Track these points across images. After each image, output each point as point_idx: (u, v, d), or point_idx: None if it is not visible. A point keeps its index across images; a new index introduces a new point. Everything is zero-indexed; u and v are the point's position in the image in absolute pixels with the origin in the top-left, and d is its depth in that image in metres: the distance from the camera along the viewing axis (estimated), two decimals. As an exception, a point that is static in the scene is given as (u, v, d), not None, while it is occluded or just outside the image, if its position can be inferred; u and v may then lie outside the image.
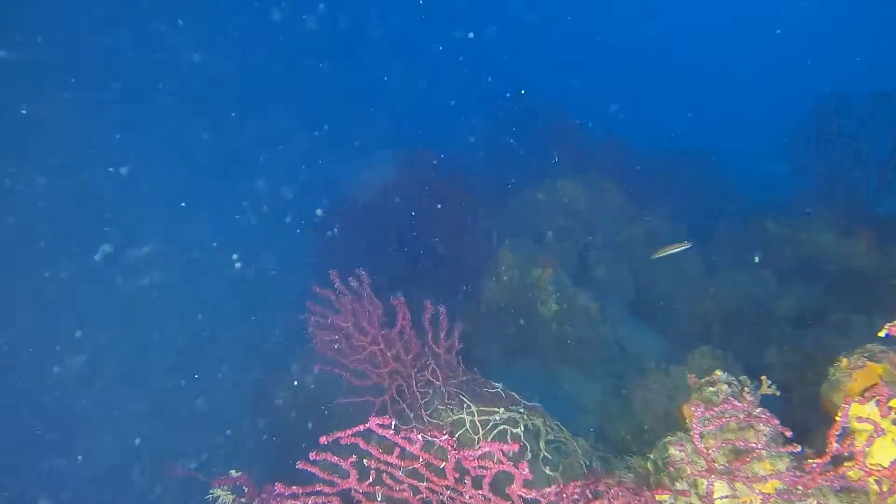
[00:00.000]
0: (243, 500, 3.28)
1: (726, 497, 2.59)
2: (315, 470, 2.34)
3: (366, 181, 9.01)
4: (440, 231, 8.18)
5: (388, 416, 2.18)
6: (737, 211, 9.55)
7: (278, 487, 2.64)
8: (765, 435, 2.76)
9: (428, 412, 3.82)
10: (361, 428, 2.20)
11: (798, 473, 2.58)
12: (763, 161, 8.66)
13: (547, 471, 3.42)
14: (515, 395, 4.05)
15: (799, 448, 2.84)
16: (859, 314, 6.10)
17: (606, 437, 5.42)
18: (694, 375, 3.03)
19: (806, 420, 4.09)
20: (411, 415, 3.83)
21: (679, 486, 2.80)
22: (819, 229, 7.99)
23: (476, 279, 8.13)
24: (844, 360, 3.11)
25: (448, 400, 3.83)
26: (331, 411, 5.89)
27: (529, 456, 3.55)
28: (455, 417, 3.71)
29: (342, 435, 2.22)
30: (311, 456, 2.28)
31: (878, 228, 7.48)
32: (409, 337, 4.00)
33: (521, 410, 3.88)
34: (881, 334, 2.72)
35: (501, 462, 2.31)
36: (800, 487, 2.61)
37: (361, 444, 2.27)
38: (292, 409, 7.13)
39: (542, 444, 3.59)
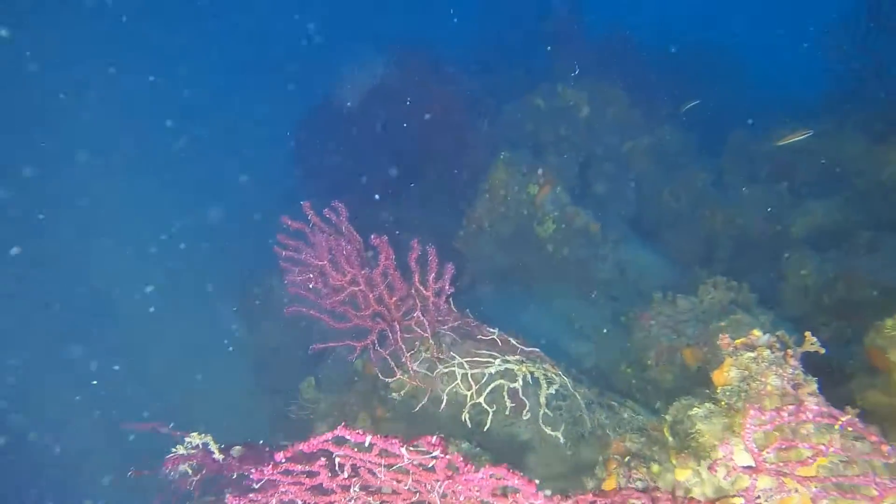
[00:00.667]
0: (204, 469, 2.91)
1: (769, 490, 2.21)
2: (278, 476, 1.90)
3: (350, 84, 8.13)
4: (430, 139, 7.46)
5: (362, 432, 1.70)
6: (757, 117, 8.80)
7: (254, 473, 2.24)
8: (812, 408, 2.34)
9: (416, 363, 3.40)
10: (329, 436, 1.74)
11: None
12: (797, 56, 7.78)
13: (548, 430, 3.05)
14: (512, 341, 3.62)
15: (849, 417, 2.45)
16: (890, 231, 5.61)
17: (606, 374, 5.10)
18: (727, 337, 2.56)
19: (840, 361, 3.73)
20: (394, 365, 3.41)
21: (704, 466, 2.42)
22: (848, 137, 7.32)
23: (470, 194, 7.54)
24: (905, 314, 2.65)
25: (437, 351, 3.39)
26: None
27: (528, 416, 3.17)
28: (446, 370, 3.29)
29: (305, 447, 1.76)
30: (268, 471, 1.84)
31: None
32: (394, 278, 3.50)
33: (519, 359, 3.46)
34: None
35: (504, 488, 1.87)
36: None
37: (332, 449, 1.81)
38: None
39: (542, 400, 3.19)
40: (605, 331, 5.63)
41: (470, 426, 3.26)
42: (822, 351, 2.63)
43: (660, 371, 4.41)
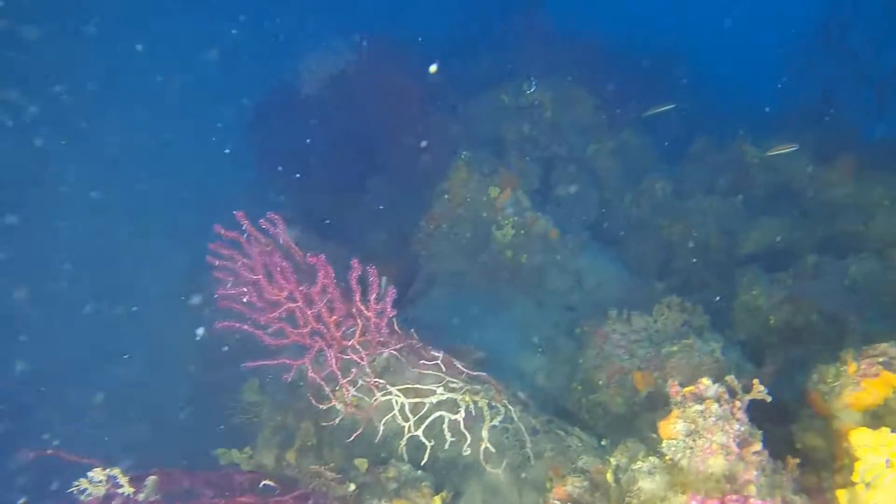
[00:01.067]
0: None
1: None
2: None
3: (312, 71, 7.76)
4: (393, 132, 7.19)
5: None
6: (717, 127, 8.82)
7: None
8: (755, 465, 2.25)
9: (354, 388, 3.20)
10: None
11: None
12: (757, 72, 7.80)
13: (488, 468, 2.90)
14: (458, 364, 3.45)
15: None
16: (832, 255, 5.68)
17: (558, 391, 5.01)
18: (676, 385, 2.45)
19: (785, 399, 3.69)
20: (329, 391, 3.20)
21: (646, 522, 2.31)
22: (798, 156, 7.39)
23: (429, 192, 7.34)
24: (853, 365, 2.59)
25: (375, 377, 3.20)
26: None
27: (468, 452, 3.01)
28: (384, 398, 3.10)
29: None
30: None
31: (862, 155, 6.94)
32: (333, 297, 3.28)
33: (463, 386, 3.30)
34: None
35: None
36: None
37: None
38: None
39: (484, 433, 3.04)
40: (559, 343, 5.53)
41: (407, 458, 3.09)
42: (768, 399, 2.55)
43: (610, 393, 4.33)
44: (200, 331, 6.82)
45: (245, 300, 3.38)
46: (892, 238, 5.70)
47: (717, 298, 6.32)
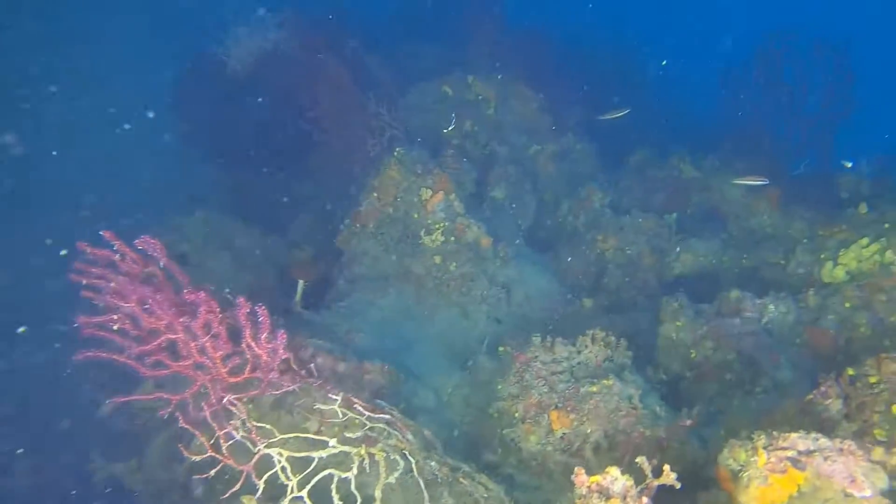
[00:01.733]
0: None
1: None
2: None
3: (240, 44, 7.10)
4: (325, 119, 6.69)
5: None
6: (658, 137, 8.79)
7: None
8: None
9: (229, 442, 2.83)
10: None
11: None
12: (702, 90, 7.77)
13: (379, 538, 2.63)
14: (360, 407, 3.14)
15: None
16: (752, 290, 5.72)
17: (475, 416, 4.81)
18: (583, 472, 2.23)
19: (699, 462, 3.60)
20: (207, 439, 2.82)
21: None
22: (729, 180, 7.46)
23: (357, 186, 6.92)
24: (762, 456, 2.45)
25: (260, 423, 2.84)
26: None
27: (357, 520, 2.72)
28: (266, 450, 2.76)
29: None
30: None
31: (786, 188, 7.06)
32: (219, 332, 2.88)
33: (362, 434, 3.00)
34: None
35: None
36: None
37: None
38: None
39: (377, 493, 2.76)
40: (481, 361, 5.30)
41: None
42: (678, 486, 2.39)
43: (525, 430, 4.14)
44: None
45: (116, 328, 2.94)
46: (807, 278, 5.79)
47: (647, 317, 6.33)
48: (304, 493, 2.65)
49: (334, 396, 3.10)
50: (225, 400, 2.90)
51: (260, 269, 8.38)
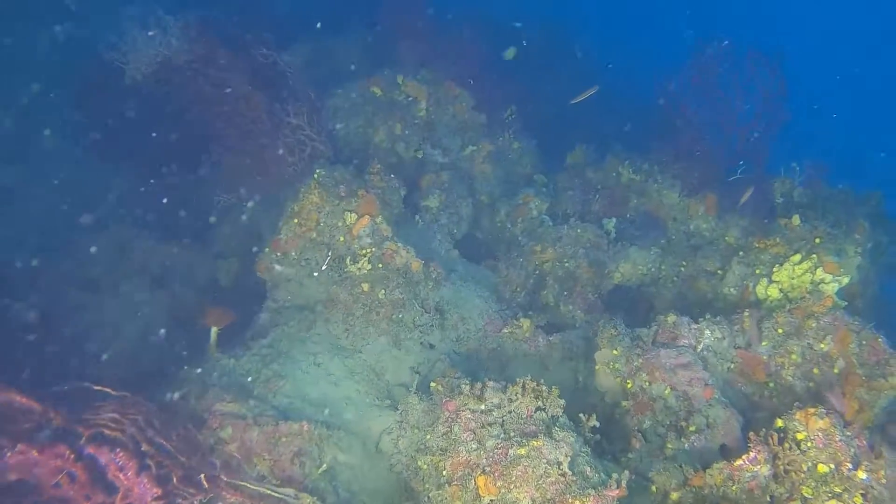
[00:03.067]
0: None
1: None
2: None
3: (136, 51, 6.38)
4: (228, 144, 6.14)
5: None
6: (596, 136, 8.56)
7: None
8: None
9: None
10: None
11: None
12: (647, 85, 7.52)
13: None
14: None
15: None
16: (688, 310, 5.63)
17: (404, 456, 4.56)
18: None
19: None
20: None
21: None
22: (668, 184, 7.32)
23: (274, 214, 6.45)
24: None
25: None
26: None
27: None
28: None
29: None
30: None
31: (722, 193, 6.97)
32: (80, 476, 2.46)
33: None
34: None
35: None
36: None
37: None
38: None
39: None
40: (411, 399, 5.01)
41: None
42: None
43: (451, 493, 3.90)
44: None
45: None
46: (743, 293, 5.72)
47: (586, 335, 6.19)
48: None
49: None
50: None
51: (179, 290, 7.84)
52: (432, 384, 5.13)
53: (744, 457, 3.27)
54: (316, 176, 5.81)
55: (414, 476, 4.50)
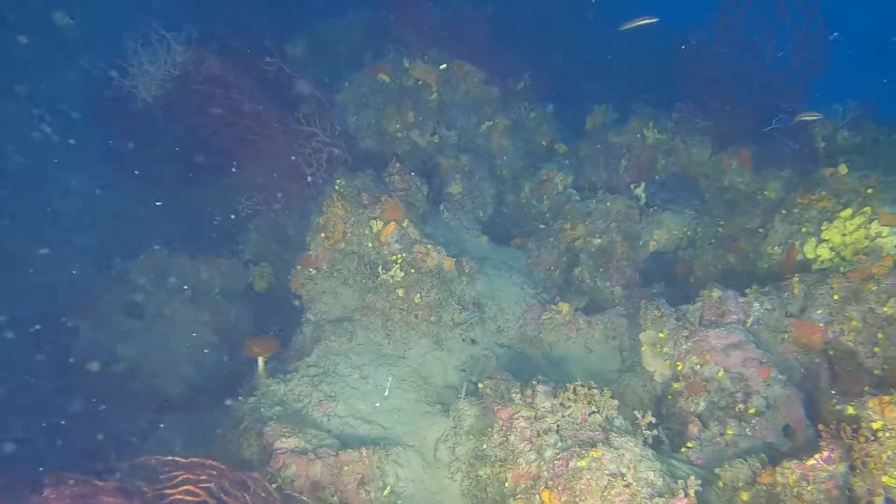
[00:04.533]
0: None
1: None
2: None
3: (143, 73, 6.26)
4: (242, 158, 6.03)
5: None
6: (616, 97, 8.20)
7: None
8: None
9: None
10: None
11: None
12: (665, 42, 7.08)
13: None
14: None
15: None
16: (733, 281, 5.46)
17: (462, 463, 4.62)
18: None
19: None
20: None
21: None
22: (698, 141, 7.01)
23: (297, 216, 6.40)
24: None
25: None
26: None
27: None
28: None
29: None
30: None
31: (759, 147, 6.64)
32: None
33: None
34: None
35: None
36: None
37: None
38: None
39: None
40: (461, 405, 5.02)
41: None
42: None
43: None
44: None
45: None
46: (787, 256, 5.51)
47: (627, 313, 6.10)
48: None
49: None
50: None
51: (219, 305, 7.94)
52: (480, 386, 5.14)
53: (816, 456, 3.19)
54: (337, 187, 5.71)
55: (475, 484, 4.55)
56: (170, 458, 3.06)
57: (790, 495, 3.16)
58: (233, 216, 8.06)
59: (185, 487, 2.82)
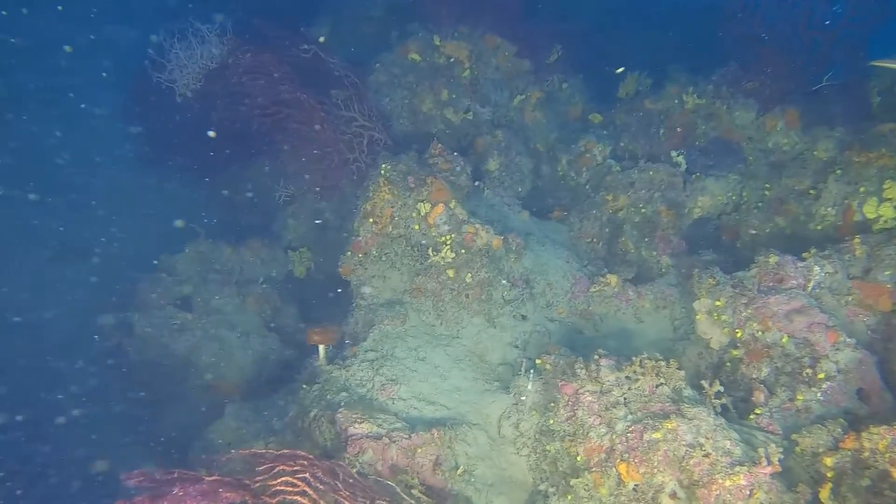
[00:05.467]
0: None
1: None
2: None
3: (180, 68, 6.28)
4: (289, 153, 6.05)
5: None
6: (648, 63, 8.04)
7: None
8: None
9: None
10: None
11: None
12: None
13: None
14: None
15: None
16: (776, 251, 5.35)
17: (528, 439, 4.70)
18: None
19: None
20: None
21: None
22: (740, 103, 6.87)
23: (336, 201, 6.42)
24: None
25: None
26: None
27: None
28: None
29: None
30: None
31: (808, 104, 6.47)
32: None
33: None
34: None
35: None
36: None
37: None
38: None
39: None
40: (521, 381, 5.08)
41: None
42: None
43: (593, 480, 4.01)
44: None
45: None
46: (842, 217, 5.41)
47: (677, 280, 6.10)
48: None
49: None
50: None
51: (265, 293, 8.07)
52: (538, 362, 5.20)
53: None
54: (383, 171, 5.72)
55: (543, 459, 4.63)
56: (261, 450, 3.15)
57: (883, 461, 3.16)
58: (272, 203, 8.14)
59: (284, 479, 2.90)
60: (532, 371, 5.12)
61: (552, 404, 4.70)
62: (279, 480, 2.94)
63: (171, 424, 6.84)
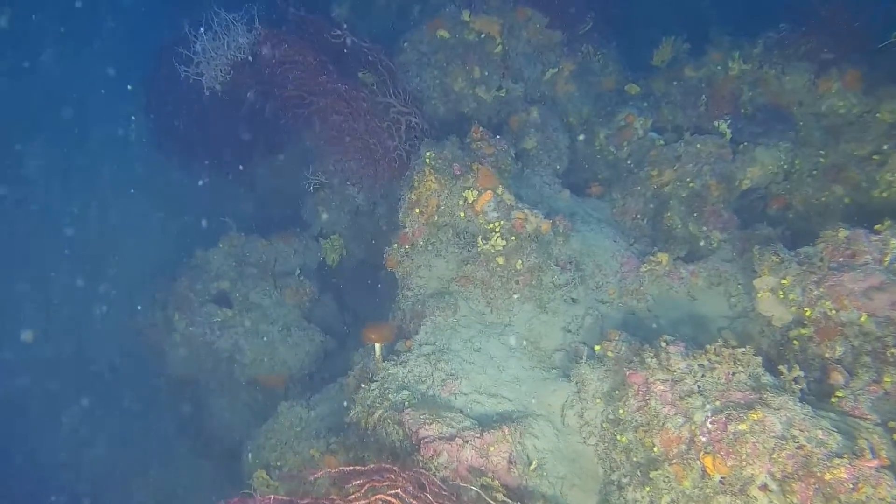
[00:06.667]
0: None
1: None
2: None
3: (207, 61, 6.07)
4: (330, 143, 5.86)
5: None
6: (689, 27, 7.71)
7: None
8: None
9: None
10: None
11: None
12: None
13: None
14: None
15: None
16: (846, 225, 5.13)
17: (594, 427, 4.64)
18: None
19: None
20: None
21: None
22: (793, 67, 6.57)
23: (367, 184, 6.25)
24: None
25: None
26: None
27: None
28: None
29: None
30: None
31: (871, 63, 6.14)
32: None
33: None
34: None
35: None
36: None
37: None
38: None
39: None
40: (582, 369, 4.97)
41: None
42: None
43: (675, 472, 3.92)
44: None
45: None
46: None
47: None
48: None
49: None
50: None
51: (301, 285, 7.98)
52: (597, 348, 5.08)
53: None
54: (427, 160, 5.54)
55: (612, 448, 4.55)
56: (350, 468, 3.07)
57: None
58: (302, 192, 7.99)
59: (377, 497, 2.82)
60: (592, 358, 5.03)
61: (618, 392, 4.61)
62: (374, 498, 2.86)
63: (218, 423, 6.83)
